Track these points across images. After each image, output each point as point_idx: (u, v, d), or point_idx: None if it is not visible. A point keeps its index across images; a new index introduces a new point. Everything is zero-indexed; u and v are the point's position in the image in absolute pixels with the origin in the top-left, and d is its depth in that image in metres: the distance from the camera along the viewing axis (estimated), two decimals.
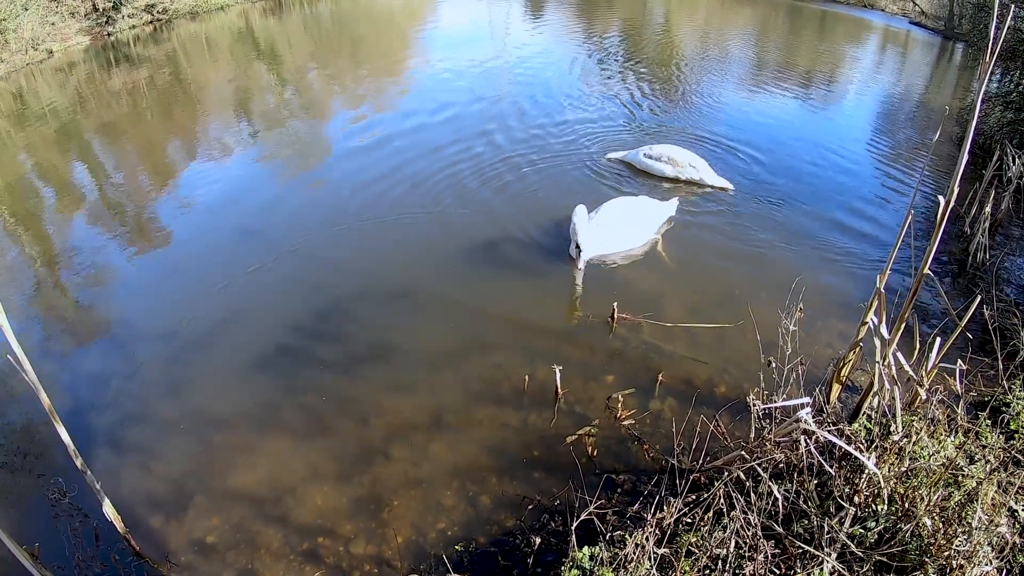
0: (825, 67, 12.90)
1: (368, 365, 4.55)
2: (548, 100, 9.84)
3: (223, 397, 4.33)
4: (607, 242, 5.69)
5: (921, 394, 3.40)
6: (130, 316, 5.20)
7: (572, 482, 3.57)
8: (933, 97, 11.40)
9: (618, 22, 16.63)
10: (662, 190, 7.11)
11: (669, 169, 7.27)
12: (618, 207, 5.96)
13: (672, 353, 4.61)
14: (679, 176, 7.24)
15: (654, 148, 7.46)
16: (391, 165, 7.54)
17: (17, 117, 10.33)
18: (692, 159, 7.28)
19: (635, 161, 7.55)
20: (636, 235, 5.91)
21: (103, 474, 3.48)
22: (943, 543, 2.63)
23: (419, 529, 3.41)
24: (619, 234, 5.79)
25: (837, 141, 8.65)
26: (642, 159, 7.45)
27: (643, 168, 7.46)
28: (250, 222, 6.46)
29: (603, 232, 5.63)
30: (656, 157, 7.35)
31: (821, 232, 6.22)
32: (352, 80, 11.39)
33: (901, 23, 17.69)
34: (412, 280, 5.43)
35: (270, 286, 5.43)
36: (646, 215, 6.06)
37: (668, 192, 7.04)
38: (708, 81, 11.25)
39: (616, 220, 5.79)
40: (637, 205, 6.08)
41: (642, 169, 7.47)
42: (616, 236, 5.76)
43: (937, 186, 7.31)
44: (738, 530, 2.70)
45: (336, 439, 3.98)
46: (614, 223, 5.76)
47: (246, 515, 3.52)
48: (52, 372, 4.57)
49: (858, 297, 5.13)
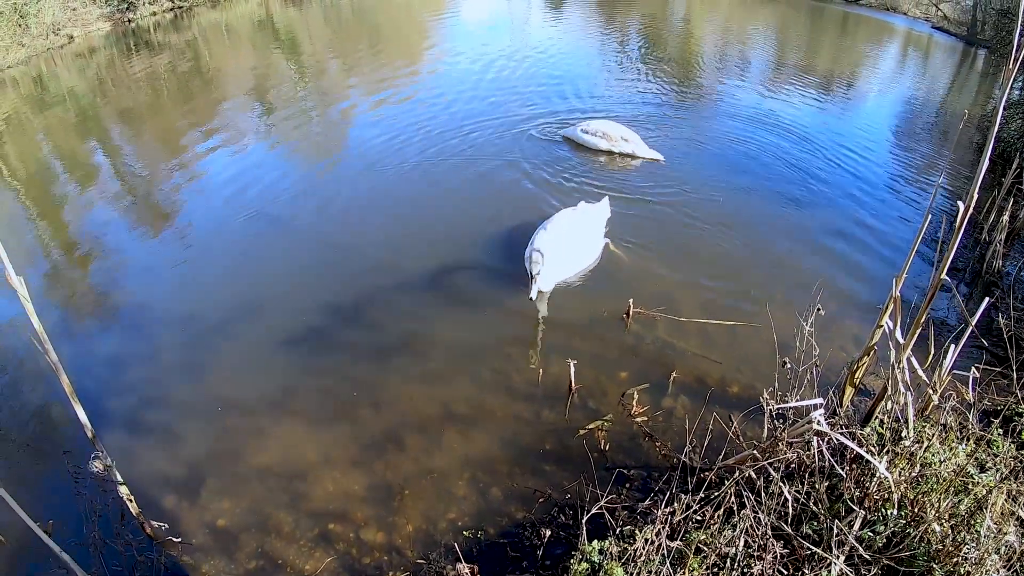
0: (846, 69, 12.83)
1: (384, 354, 4.59)
2: (568, 93, 9.89)
3: (238, 382, 4.38)
4: (564, 268, 5.34)
5: (934, 400, 3.40)
6: (149, 300, 5.26)
7: (583, 476, 3.60)
8: (954, 103, 11.30)
9: (638, 19, 16.57)
10: (598, 163, 7.57)
11: (604, 143, 7.78)
12: (564, 228, 5.48)
13: (686, 351, 4.62)
14: (612, 149, 7.77)
15: (590, 124, 8.00)
16: (407, 158, 7.58)
17: (37, 101, 10.43)
18: (625, 133, 7.82)
19: (574, 136, 8.01)
20: (589, 250, 5.66)
21: (119, 455, 3.52)
22: (951, 549, 2.63)
23: (430, 518, 3.44)
24: (574, 256, 5.45)
25: (856, 144, 8.60)
26: (579, 134, 7.94)
27: (581, 143, 7.92)
28: (268, 208, 6.51)
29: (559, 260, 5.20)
30: (592, 132, 7.86)
31: (838, 234, 6.19)
32: (371, 71, 11.41)
33: (923, 27, 17.54)
34: (430, 270, 5.46)
35: (287, 273, 5.48)
36: (591, 226, 5.79)
37: (604, 165, 7.53)
38: (728, 81, 11.22)
39: (567, 243, 5.35)
40: (580, 218, 5.74)
41: (580, 143, 7.92)
42: (571, 259, 5.42)
43: (956, 192, 7.26)
44: (748, 529, 2.71)
45: (349, 426, 4.02)
46: (566, 247, 5.32)
47: (258, 499, 3.57)
48: (72, 354, 4.63)
49: (873, 301, 5.11)
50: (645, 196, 6.79)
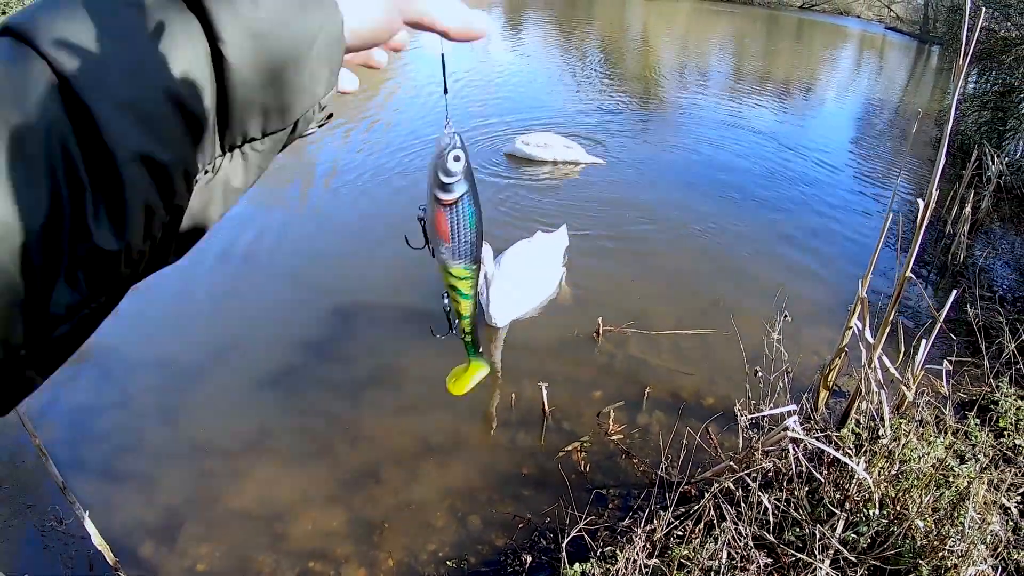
0: (804, 74, 13.07)
1: (358, 388, 4.53)
2: (529, 111, 9.94)
3: (214, 424, 4.29)
4: (521, 304, 5.14)
5: (908, 396, 3.42)
6: (119, 344, 5.13)
7: (562, 499, 3.55)
8: (911, 100, 11.54)
9: (596, 36, 16.78)
10: (542, 173, 7.74)
11: (548, 153, 7.90)
12: (519, 260, 5.25)
13: (658, 366, 4.62)
14: (556, 158, 7.91)
15: (530, 136, 8.08)
16: (377, 195, 7.52)
17: None
18: (565, 142, 8.03)
19: (516, 151, 8.06)
20: (547, 282, 5.40)
21: (93, 503, 3.44)
22: (936, 544, 2.63)
23: (410, 550, 3.38)
24: (530, 290, 5.22)
25: (815, 148, 8.74)
26: (520, 147, 8.00)
27: (523, 156, 7.99)
28: (236, 247, 6.42)
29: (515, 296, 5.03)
30: (535, 144, 7.98)
31: (803, 239, 6.26)
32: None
33: (877, 28, 17.95)
34: (400, 303, 5.41)
35: (258, 311, 5.40)
36: (548, 257, 5.52)
37: (548, 176, 7.67)
38: (687, 93, 11.37)
39: (523, 276, 5.12)
40: (536, 249, 5.49)
41: (522, 156, 8.00)
42: (528, 294, 5.19)
43: (917, 189, 7.39)
44: (729, 541, 2.69)
45: (325, 463, 3.95)
46: (523, 281, 5.10)
47: (237, 541, 3.48)
48: (41, 402, 4.51)
49: (842, 303, 5.15)
50: (605, 208, 6.82)
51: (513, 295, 4.97)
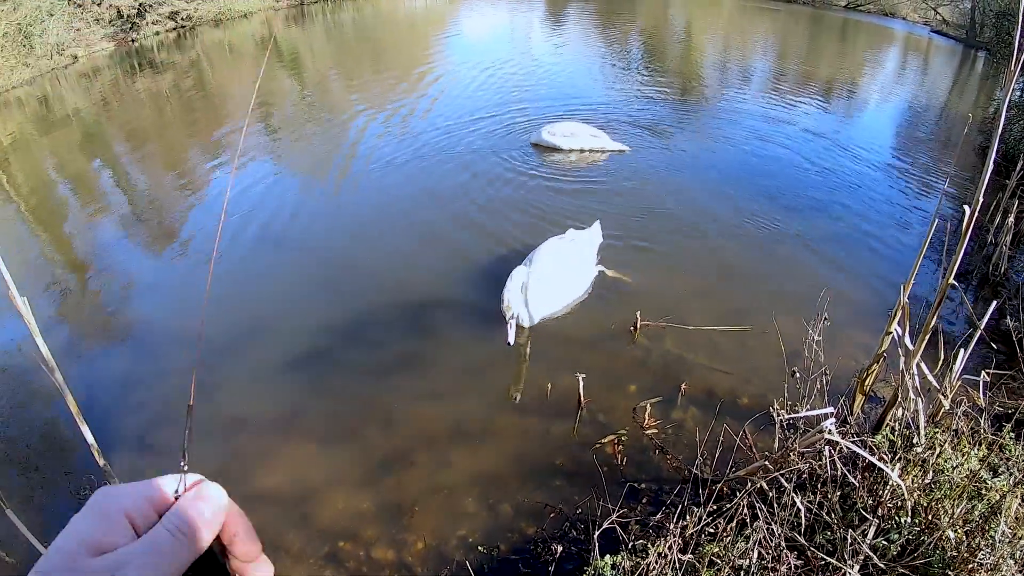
0: (847, 75, 12.86)
1: (392, 372, 4.59)
2: (568, 100, 9.94)
3: (248, 401, 4.37)
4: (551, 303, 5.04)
5: (945, 405, 3.38)
6: (156, 320, 5.27)
7: (594, 491, 3.57)
8: (955, 106, 11.31)
9: (639, 30, 16.65)
10: (569, 161, 7.91)
11: (574, 142, 8.05)
12: (550, 260, 5.16)
13: (695, 363, 4.60)
14: (583, 147, 8.07)
15: (556, 126, 8.21)
16: (415, 177, 7.62)
17: (42, 121, 10.51)
18: (591, 130, 8.19)
19: (542, 141, 8.18)
20: (579, 281, 5.32)
21: (126, 474, 3.53)
22: (966, 556, 2.61)
23: (440, 535, 3.42)
24: (561, 289, 5.13)
25: (859, 150, 8.62)
26: (547, 137, 8.13)
27: (550, 145, 8.11)
28: (273, 227, 6.53)
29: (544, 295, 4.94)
30: (561, 133, 8.12)
31: (843, 242, 6.19)
32: (374, 88, 11.49)
33: (923, 31, 17.60)
34: (439, 289, 5.47)
35: (293, 292, 5.49)
36: (580, 255, 5.43)
37: (575, 163, 7.84)
38: (728, 89, 11.26)
39: (552, 276, 5.02)
40: (568, 247, 5.40)
41: (549, 146, 8.12)
42: (558, 293, 5.10)
43: (961, 196, 7.25)
44: (761, 541, 2.69)
45: (357, 445, 4.01)
46: (552, 281, 5.00)
47: (267, 518, 3.54)
48: (78, 374, 4.64)
49: (881, 308, 5.09)
50: (648, 206, 6.80)
51: (544, 296, 4.92)
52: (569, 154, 8.02)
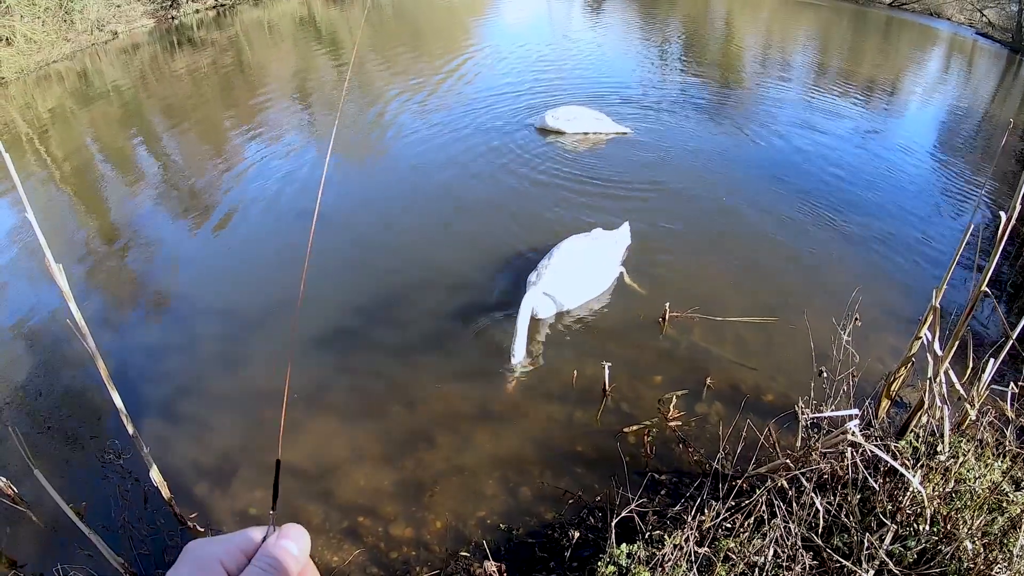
0: (889, 74, 12.64)
1: (417, 352, 4.64)
2: (613, 94, 9.94)
3: (272, 376, 4.44)
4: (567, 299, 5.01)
5: (971, 415, 3.34)
6: (189, 291, 5.38)
7: (614, 479, 3.59)
8: (997, 111, 11.07)
9: (679, 21, 16.49)
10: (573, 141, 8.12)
11: (576, 125, 8.18)
12: (571, 256, 5.13)
13: (721, 357, 4.59)
14: (587, 130, 8.21)
15: (558, 110, 8.33)
16: (452, 157, 7.68)
17: (82, 96, 10.70)
18: (593, 114, 8.33)
19: (545, 125, 8.28)
20: (598, 282, 5.25)
21: (153, 441, 3.62)
22: (983, 568, 2.59)
23: (459, 515, 3.47)
24: (578, 288, 5.08)
25: (898, 152, 8.48)
26: (550, 121, 8.23)
27: (553, 129, 8.22)
28: (308, 205, 6.61)
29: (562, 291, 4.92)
30: (564, 118, 8.23)
31: (877, 243, 6.10)
32: (412, 70, 11.52)
33: (967, 32, 17.21)
34: (470, 272, 5.50)
35: (323, 269, 5.55)
36: (603, 255, 5.37)
37: (578, 144, 7.99)
38: (768, 84, 11.13)
39: (574, 273, 5.01)
40: (592, 245, 5.36)
41: (553, 130, 8.23)
42: (575, 292, 5.06)
43: (999, 202, 7.12)
44: (778, 539, 2.70)
45: (380, 423, 4.07)
46: (572, 277, 4.99)
47: (289, 490, 3.62)
48: (110, 342, 4.76)
49: (912, 312, 5.03)
50: (683, 196, 6.78)
51: (559, 290, 4.92)
52: (572, 137, 8.15)
